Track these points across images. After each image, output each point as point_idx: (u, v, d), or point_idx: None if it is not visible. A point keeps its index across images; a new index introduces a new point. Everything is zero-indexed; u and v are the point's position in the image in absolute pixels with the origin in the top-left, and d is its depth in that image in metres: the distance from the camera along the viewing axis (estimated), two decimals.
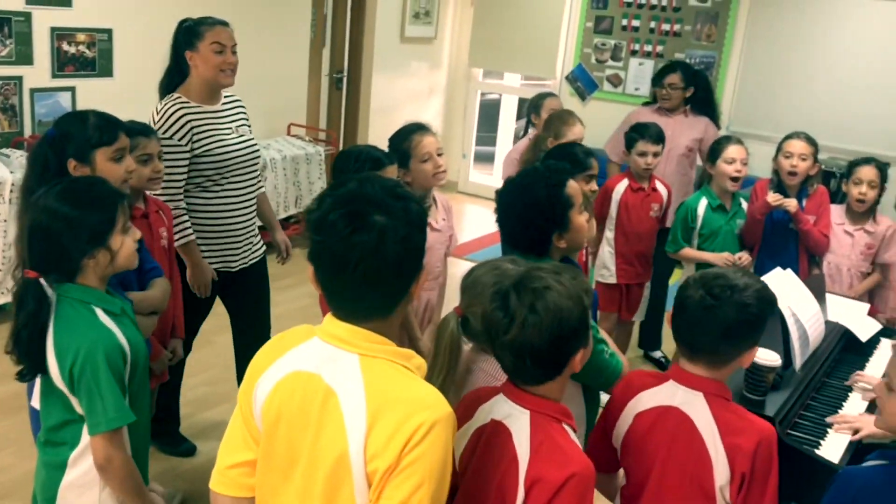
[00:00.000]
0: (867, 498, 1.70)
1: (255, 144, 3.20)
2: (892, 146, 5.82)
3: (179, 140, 2.92)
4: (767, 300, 1.83)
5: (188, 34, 2.99)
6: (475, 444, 1.64)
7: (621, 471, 2.02)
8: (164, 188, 2.90)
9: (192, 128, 2.95)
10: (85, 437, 1.85)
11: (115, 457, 1.83)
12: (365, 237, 1.31)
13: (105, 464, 1.83)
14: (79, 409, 1.84)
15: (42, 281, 1.84)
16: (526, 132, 4.50)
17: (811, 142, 3.69)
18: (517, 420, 1.59)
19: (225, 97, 3.14)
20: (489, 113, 8.78)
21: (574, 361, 1.59)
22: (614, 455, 1.98)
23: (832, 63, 6.18)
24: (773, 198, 3.61)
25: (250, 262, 3.22)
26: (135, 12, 5.00)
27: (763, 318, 1.82)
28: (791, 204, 3.60)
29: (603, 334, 2.17)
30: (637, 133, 3.89)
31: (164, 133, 2.90)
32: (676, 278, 4.62)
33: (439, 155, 2.95)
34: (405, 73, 7.46)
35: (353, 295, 1.36)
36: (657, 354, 4.63)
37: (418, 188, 2.94)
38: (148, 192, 2.76)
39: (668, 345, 4.54)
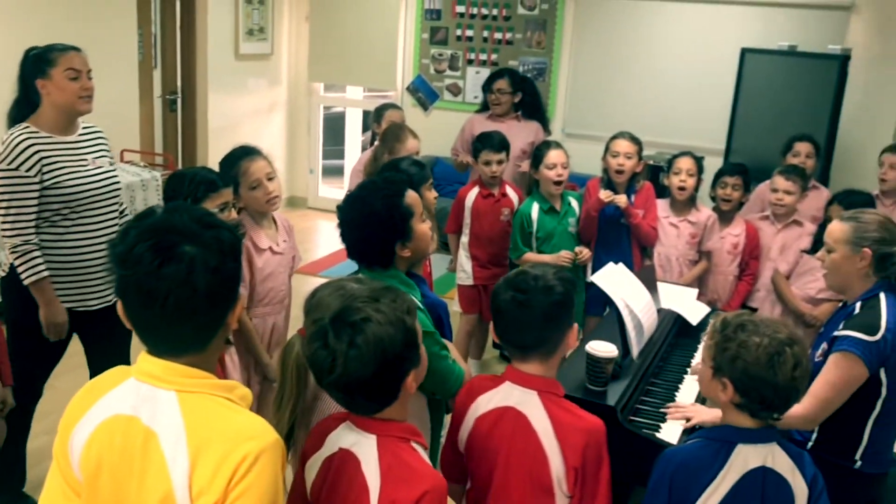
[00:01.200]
0: (683, 474, 1.83)
1: (115, 177, 3.03)
2: (711, 140, 6.25)
3: (27, 171, 2.74)
4: (567, 280, 1.94)
5: (38, 62, 2.82)
6: (325, 475, 1.61)
7: None
8: (12, 223, 2.73)
9: (42, 158, 2.76)
10: None
11: None
12: (174, 269, 1.26)
13: None
14: None
15: None
16: (372, 143, 4.52)
17: (635, 140, 3.90)
18: (364, 447, 1.58)
19: (84, 127, 2.99)
20: (334, 126, 8.74)
21: (407, 384, 1.59)
22: (462, 462, 2.02)
23: (654, 64, 6.58)
24: (604, 195, 3.79)
25: (113, 301, 3.02)
26: None
27: (570, 295, 1.92)
28: (621, 200, 3.80)
29: (450, 346, 2.20)
30: (480, 143, 4.05)
31: (9, 164, 2.72)
32: None
33: (270, 179, 2.90)
34: (243, 91, 7.30)
35: (164, 329, 1.31)
36: None
37: (254, 213, 2.89)
38: None
39: None
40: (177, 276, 1.26)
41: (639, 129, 4.39)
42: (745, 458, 1.81)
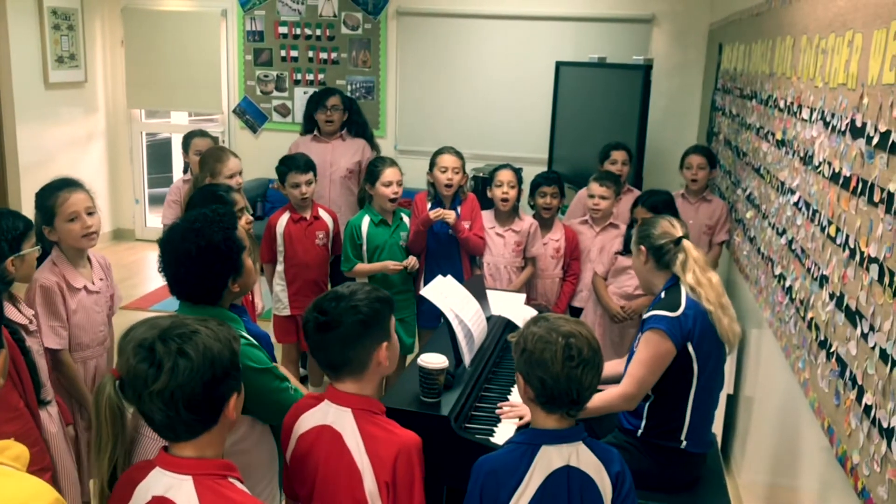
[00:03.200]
0: (492, 480, 1.89)
1: None
2: (534, 150, 6.53)
3: None
4: (377, 299, 1.94)
5: None
6: None
7: None
8: None
9: None
10: None
11: None
12: None
13: None
14: None
15: None
16: (185, 172, 4.39)
17: (459, 155, 4.02)
18: (180, 490, 1.51)
19: None
20: (160, 153, 8.42)
21: (229, 408, 1.56)
22: None
23: (476, 79, 6.79)
24: (434, 213, 3.86)
25: None
26: None
27: (377, 314, 1.93)
28: (450, 216, 3.88)
29: (283, 370, 2.18)
30: (286, 166, 3.97)
31: None
32: None
33: (90, 214, 2.76)
34: (56, 122, 6.89)
35: None
36: None
37: (68, 249, 2.74)
38: None
39: None
40: None
41: (465, 142, 4.54)
42: (549, 459, 1.88)
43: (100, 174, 7.49)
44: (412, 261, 3.93)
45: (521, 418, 2.57)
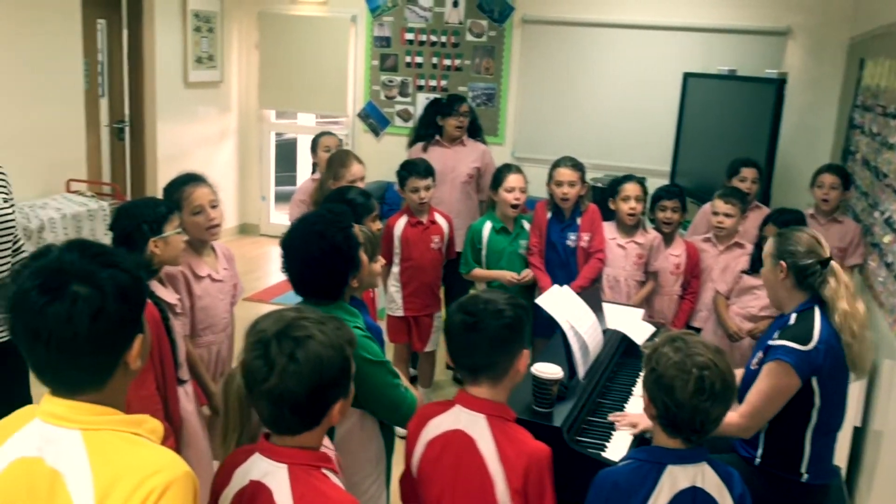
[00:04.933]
0: (616, 495, 1.86)
1: (9, 214, 2.95)
2: (656, 162, 6.39)
3: None
4: (519, 305, 1.97)
5: None
6: None
7: None
8: None
9: None
10: None
11: None
12: (56, 309, 1.26)
13: None
14: None
15: None
16: (313, 173, 4.53)
17: (577, 167, 3.97)
18: (275, 477, 1.57)
19: None
20: (286, 153, 8.73)
21: (333, 412, 1.60)
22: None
23: (600, 88, 6.72)
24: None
25: (2, 339, 2.93)
26: None
27: (520, 320, 1.95)
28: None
29: (401, 375, 2.22)
30: (406, 171, 4.03)
31: None
32: None
33: (213, 207, 2.89)
34: (193, 119, 7.26)
35: (54, 370, 1.31)
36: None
37: (194, 240, 2.88)
38: None
39: None
40: (58, 316, 1.26)
41: (585, 152, 4.50)
42: (675, 479, 1.84)
43: (229, 170, 7.84)
44: (528, 274, 3.93)
45: (634, 426, 2.53)
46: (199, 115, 7.34)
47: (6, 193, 2.99)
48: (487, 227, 3.96)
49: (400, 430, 2.29)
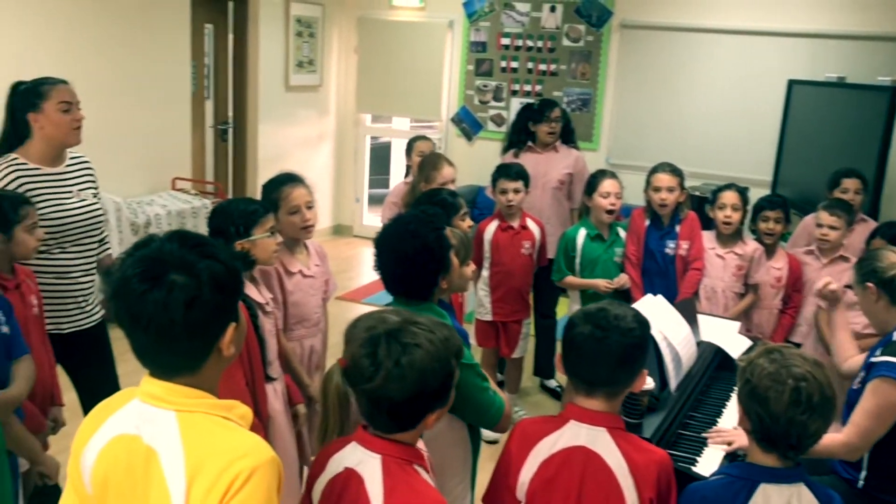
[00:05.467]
0: (719, 502, 1.80)
1: (99, 209, 3.10)
2: (757, 171, 6.20)
3: None
4: (644, 322, 1.92)
5: (29, 96, 2.90)
6: (330, 495, 1.64)
7: None
8: None
9: (27, 190, 2.84)
10: None
11: None
12: (154, 296, 1.31)
13: None
14: None
15: None
16: (406, 175, 4.58)
17: (676, 172, 3.89)
18: (368, 465, 1.60)
19: (71, 157, 3.05)
20: (381, 156, 8.88)
21: (428, 420, 1.62)
22: None
23: (699, 95, 6.57)
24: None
25: (84, 326, 3.07)
26: (7, 73, 4.82)
27: (646, 339, 1.91)
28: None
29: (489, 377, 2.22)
30: (497, 172, 4.06)
31: None
32: (563, 308, 4.75)
33: (309, 208, 2.95)
34: (293, 122, 7.47)
35: (152, 353, 1.38)
36: (552, 384, 4.74)
37: (287, 238, 2.95)
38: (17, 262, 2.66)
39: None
40: (156, 303, 1.31)
41: (683, 159, 4.41)
42: (768, 498, 1.77)
43: (326, 172, 8.02)
44: (624, 279, 3.87)
45: (729, 444, 2.45)
46: (298, 117, 7.54)
47: (95, 188, 3.13)
48: (582, 235, 3.92)
49: (488, 434, 2.28)
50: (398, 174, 8.59)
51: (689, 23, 6.50)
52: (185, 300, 1.31)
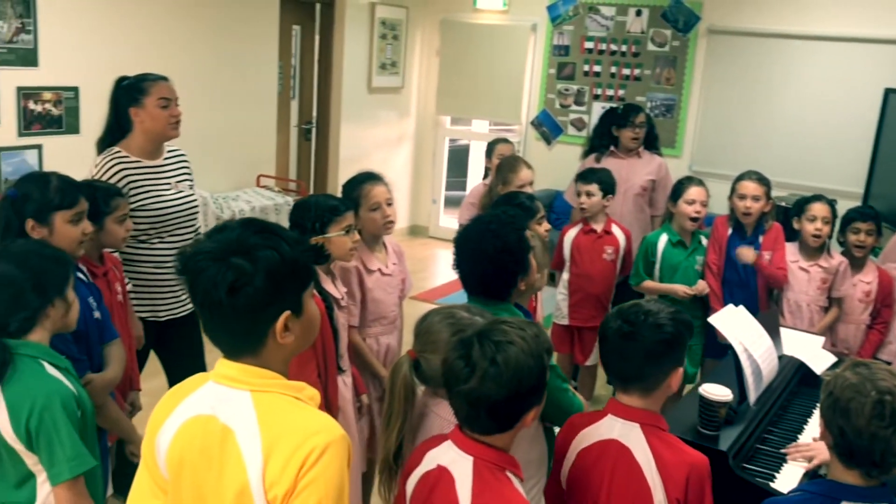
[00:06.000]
0: None
1: (195, 200, 3.23)
2: (847, 183, 5.99)
3: None
4: (682, 321, 1.91)
5: (131, 91, 3.04)
6: (421, 490, 1.67)
7: None
8: None
9: (129, 182, 2.99)
10: (42, 494, 1.86)
11: (81, 503, 1.84)
12: (209, 274, 1.37)
13: None
14: (33, 468, 1.85)
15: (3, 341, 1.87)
16: (485, 177, 4.59)
17: (763, 181, 3.79)
18: (460, 466, 1.62)
19: (168, 151, 3.18)
20: (458, 158, 8.92)
21: (527, 418, 1.63)
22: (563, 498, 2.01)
23: (788, 103, 6.37)
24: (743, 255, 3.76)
25: (179, 314, 3.20)
26: (100, 70, 5.05)
27: (680, 337, 1.89)
28: (749, 257, 3.74)
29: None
30: (580, 175, 4.08)
31: None
32: None
33: (389, 205, 3.00)
34: (374, 123, 7.57)
35: (211, 330, 1.44)
36: None
37: (367, 235, 2.99)
38: (105, 250, 2.78)
39: None
40: (207, 282, 1.37)
41: (769, 168, 4.29)
42: None
43: (404, 173, 8.10)
44: (703, 286, 3.80)
45: (810, 460, 2.38)
46: (379, 119, 7.64)
47: (191, 181, 3.27)
48: (663, 240, 3.86)
49: None
50: (475, 177, 8.60)
51: (780, 29, 6.32)
52: (233, 283, 1.36)
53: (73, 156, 4.58)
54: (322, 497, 1.33)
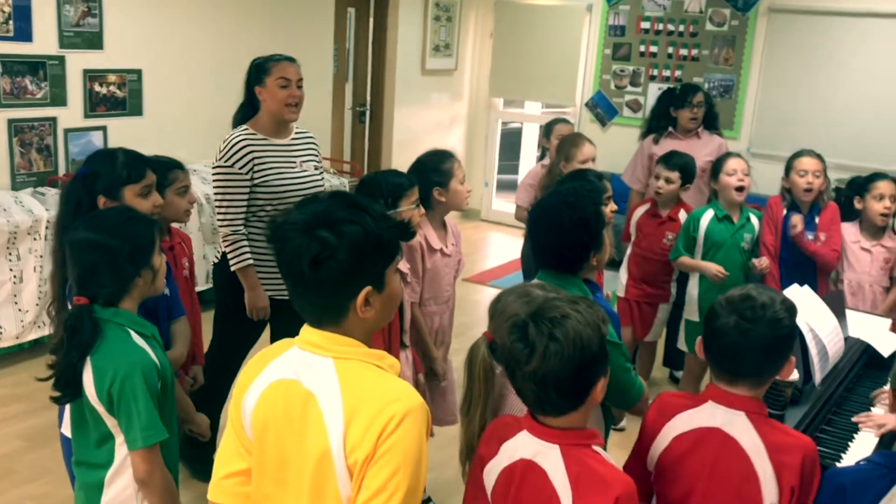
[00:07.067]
0: (840, 495, 1.75)
1: (319, 181, 3.28)
2: None
3: (240, 169, 3.04)
4: (792, 308, 1.84)
5: (257, 71, 3.13)
6: (507, 485, 1.64)
7: None
8: (224, 214, 3.04)
9: (254, 158, 3.06)
10: (119, 456, 1.93)
11: (156, 471, 1.91)
12: (294, 245, 1.39)
13: (147, 478, 1.90)
14: (113, 430, 1.91)
15: (92, 308, 1.92)
16: (542, 158, 4.58)
17: (821, 158, 3.75)
18: (548, 457, 1.59)
19: (297, 132, 3.25)
20: (511, 142, 8.88)
21: (596, 391, 1.61)
22: (649, 480, 1.96)
23: (849, 84, 6.21)
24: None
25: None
26: (162, 53, 5.17)
27: (794, 328, 1.84)
28: (797, 227, 3.69)
29: None
30: (661, 157, 4.06)
31: (225, 161, 3.04)
32: None
33: (461, 183, 3.05)
34: (427, 105, 7.58)
35: (298, 301, 1.47)
36: (681, 374, 4.63)
37: (440, 212, 3.02)
38: (173, 224, 2.85)
39: None
40: (292, 252, 1.40)
41: (829, 150, 4.21)
42: None
43: (456, 155, 8.09)
44: (765, 262, 3.72)
45: (880, 426, 2.34)
46: (432, 101, 7.65)
47: (318, 162, 3.32)
48: (708, 215, 3.79)
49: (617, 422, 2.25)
50: (528, 160, 8.56)
51: (843, 6, 6.15)
52: (315, 255, 1.38)
53: (137, 137, 4.69)
54: (401, 463, 1.36)
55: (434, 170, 2.97)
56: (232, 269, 3.06)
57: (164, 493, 1.93)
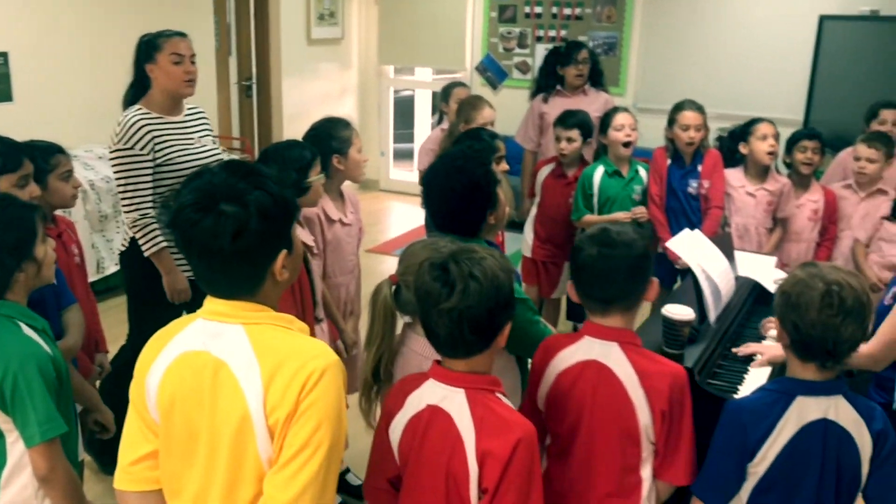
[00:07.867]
0: (738, 423, 1.85)
1: (220, 153, 3.22)
2: (787, 110, 6.11)
3: (141, 150, 2.92)
4: (645, 236, 1.99)
5: (147, 48, 3.01)
6: (413, 433, 1.68)
7: None
8: (130, 199, 2.91)
9: (154, 137, 2.95)
10: (13, 455, 1.84)
11: (57, 466, 1.83)
12: (206, 224, 1.36)
13: (48, 474, 1.82)
14: (4, 427, 1.82)
15: None
16: (440, 122, 4.57)
17: (701, 110, 3.85)
18: (453, 401, 1.64)
19: (188, 108, 3.15)
20: (404, 110, 8.84)
21: (502, 335, 1.67)
22: (542, 420, 2.04)
23: (727, 35, 6.45)
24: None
25: None
26: (30, 34, 4.87)
27: (647, 250, 1.95)
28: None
29: None
30: (557, 119, 4.06)
31: (125, 144, 2.90)
32: None
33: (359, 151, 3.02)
34: (315, 76, 7.44)
35: (208, 278, 1.44)
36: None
37: (338, 182, 2.97)
38: (57, 212, 2.71)
39: None
40: (206, 231, 1.37)
41: (711, 100, 4.35)
42: (805, 410, 1.80)
43: None
44: (641, 210, 3.86)
45: (760, 354, 2.49)
46: (321, 72, 7.51)
47: (213, 136, 3.24)
48: (599, 172, 3.89)
49: None
50: (423, 127, 8.54)
51: None
52: (234, 229, 1.36)
53: (8, 123, 4.40)
54: (322, 418, 1.36)
55: (333, 136, 2.93)
56: (145, 254, 2.95)
57: (66, 489, 1.85)
